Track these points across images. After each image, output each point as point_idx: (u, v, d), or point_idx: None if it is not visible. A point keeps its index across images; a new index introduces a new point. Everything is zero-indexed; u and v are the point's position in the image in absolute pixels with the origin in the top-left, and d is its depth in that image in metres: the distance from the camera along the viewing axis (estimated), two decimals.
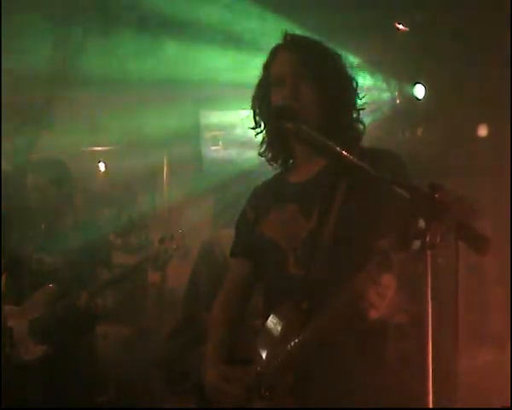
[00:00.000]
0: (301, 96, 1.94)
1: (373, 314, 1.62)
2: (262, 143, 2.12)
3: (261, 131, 2.11)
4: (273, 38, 2.10)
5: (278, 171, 2.17)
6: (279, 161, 2.12)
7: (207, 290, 4.47)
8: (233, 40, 4.75)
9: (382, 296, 1.61)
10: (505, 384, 3.67)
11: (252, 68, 2.17)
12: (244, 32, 4.70)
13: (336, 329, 1.73)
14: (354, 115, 2.01)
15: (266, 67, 2.08)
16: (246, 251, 2.15)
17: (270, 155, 2.11)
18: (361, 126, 2.03)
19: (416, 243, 1.33)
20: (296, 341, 1.77)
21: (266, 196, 2.13)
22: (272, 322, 1.91)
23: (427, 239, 1.31)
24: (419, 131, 5.47)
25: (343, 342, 1.82)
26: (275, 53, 2.07)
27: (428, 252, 1.31)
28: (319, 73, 1.97)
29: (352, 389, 1.85)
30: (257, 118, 2.10)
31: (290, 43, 2.05)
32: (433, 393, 1.31)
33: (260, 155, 2.13)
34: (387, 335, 1.93)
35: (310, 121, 1.87)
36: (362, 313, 1.62)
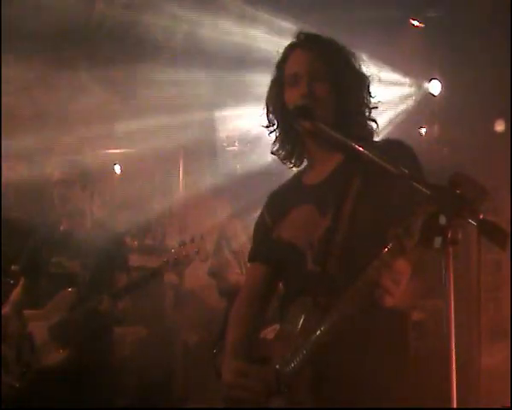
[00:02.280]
0: (316, 94, 1.93)
1: (388, 301, 1.61)
2: (275, 141, 2.11)
3: (274, 130, 2.10)
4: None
5: (293, 172, 2.17)
6: (292, 160, 2.12)
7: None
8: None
9: (397, 283, 1.60)
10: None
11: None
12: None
13: (354, 326, 1.71)
14: (367, 113, 2.01)
15: (280, 65, 2.07)
16: (263, 256, 2.15)
17: (283, 153, 2.11)
18: (374, 124, 2.02)
19: (438, 240, 1.32)
20: (314, 337, 1.76)
21: (283, 200, 2.12)
22: (291, 319, 1.90)
23: (449, 235, 1.30)
24: (435, 128, 5.43)
25: (361, 339, 1.80)
26: (288, 52, 2.05)
27: (450, 248, 1.30)
28: (333, 72, 1.96)
29: (371, 387, 1.83)
30: (270, 116, 2.10)
31: (304, 42, 2.04)
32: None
33: (273, 153, 2.13)
34: (407, 332, 1.92)
35: (324, 120, 1.88)
36: (377, 300, 1.61)
